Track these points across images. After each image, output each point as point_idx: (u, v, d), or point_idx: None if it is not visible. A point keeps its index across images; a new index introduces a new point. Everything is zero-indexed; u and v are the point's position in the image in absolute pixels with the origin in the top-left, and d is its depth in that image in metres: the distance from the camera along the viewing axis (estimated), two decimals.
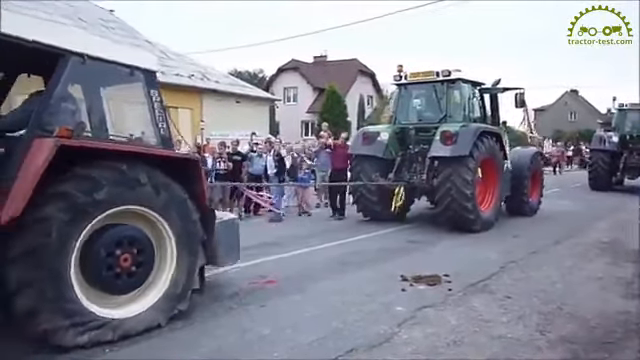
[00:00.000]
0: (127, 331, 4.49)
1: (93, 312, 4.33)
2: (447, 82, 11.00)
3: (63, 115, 4.58)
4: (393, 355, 4.19)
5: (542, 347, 4.35)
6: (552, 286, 6.24)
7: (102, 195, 4.32)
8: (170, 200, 4.86)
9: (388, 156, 11.15)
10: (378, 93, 44.92)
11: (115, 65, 4.87)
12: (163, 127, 5.14)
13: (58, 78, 4.42)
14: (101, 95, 5.01)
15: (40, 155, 4.07)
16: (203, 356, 4.18)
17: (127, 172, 4.52)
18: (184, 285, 5.00)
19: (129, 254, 4.57)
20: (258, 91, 27.10)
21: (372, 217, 11.51)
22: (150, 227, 4.86)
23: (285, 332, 4.68)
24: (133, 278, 4.65)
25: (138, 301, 4.75)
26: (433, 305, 5.44)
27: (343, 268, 7.18)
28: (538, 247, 8.61)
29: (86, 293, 4.36)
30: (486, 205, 10.70)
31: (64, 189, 4.16)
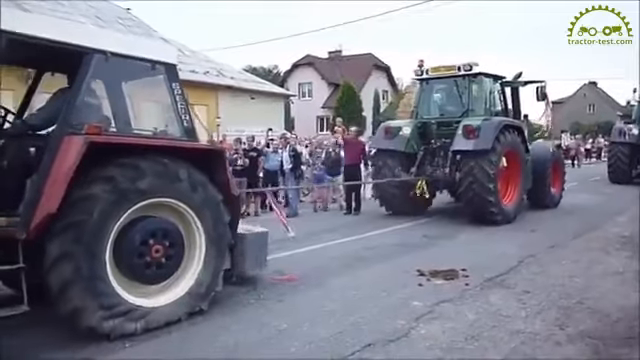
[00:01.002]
0: (149, 322, 4.57)
1: (121, 296, 4.45)
2: (468, 76, 11.07)
3: (89, 112, 4.72)
4: (410, 350, 4.18)
5: (562, 342, 4.30)
6: (571, 280, 6.17)
7: (144, 184, 4.51)
8: (205, 199, 5.00)
9: (410, 150, 11.26)
10: (393, 87, 44.73)
11: (137, 60, 4.99)
12: (186, 119, 5.23)
13: (83, 76, 4.55)
14: (124, 90, 5.17)
15: (71, 153, 4.19)
16: (221, 351, 4.20)
17: (169, 166, 4.70)
18: (208, 285, 5.09)
19: (161, 246, 4.67)
20: (273, 87, 27.16)
21: (394, 211, 11.57)
22: (183, 223, 4.98)
23: (302, 327, 4.69)
24: (161, 270, 4.75)
25: (163, 294, 4.84)
26: (450, 300, 5.41)
27: (359, 263, 7.18)
28: (556, 241, 8.51)
29: (116, 277, 4.48)
30: (508, 198, 10.76)
31: (111, 173, 4.35)
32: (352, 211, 12.37)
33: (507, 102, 12.08)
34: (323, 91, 41.35)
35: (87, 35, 4.81)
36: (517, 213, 10.83)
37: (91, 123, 4.45)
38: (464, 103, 11.24)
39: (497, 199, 10.06)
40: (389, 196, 11.45)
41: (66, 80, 5.19)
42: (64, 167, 4.17)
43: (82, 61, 4.54)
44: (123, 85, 5.18)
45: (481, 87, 11.31)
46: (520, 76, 12.13)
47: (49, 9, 15.04)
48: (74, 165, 4.15)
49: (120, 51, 4.79)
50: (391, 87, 44.86)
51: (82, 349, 4.20)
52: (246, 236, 5.91)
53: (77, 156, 4.16)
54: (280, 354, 4.12)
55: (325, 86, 41.44)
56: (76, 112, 4.52)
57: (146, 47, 5.32)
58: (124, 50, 4.86)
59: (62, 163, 4.20)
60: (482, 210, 10.07)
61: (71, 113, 4.48)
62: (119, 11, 21.63)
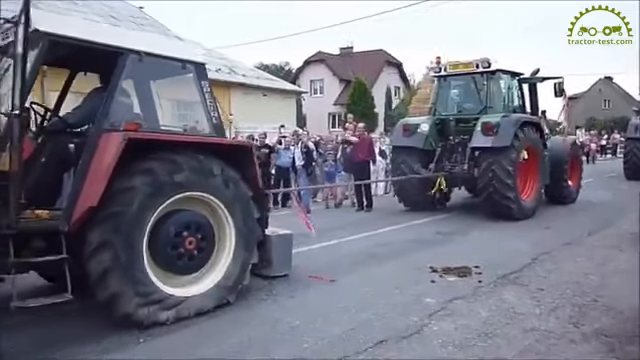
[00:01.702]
0: (180, 312, 4.76)
1: (156, 285, 4.65)
2: (487, 73, 11.13)
3: (125, 110, 4.98)
4: (423, 347, 4.18)
5: (576, 340, 4.27)
6: (586, 278, 6.11)
7: (181, 178, 4.72)
8: (236, 195, 5.20)
9: (428, 147, 11.34)
10: (405, 83, 44.56)
11: (168, 60, 5.19)
12: (215, 116, 5.41)
13: (119, 75, 4.77)
14: (153, 89, 5.40)
15: (111, 149, 4.39)
16: (234, 347, 4.23)
17: (203, 162, 4.91)
18: (236, 278, 5.25)
19: (194, 238, 4.88)
20: (285, 84, 27.18)
21: (413, 207, 11.70)
22: (214, 217, 5.17)
23: (315, 323, 4.71)
24: (193, 261, 4.95)
25: (193, 285, 5.03)
26: (463, 297, 5.40)
27: (372, 260, 7.18)
28: (571, 238, 8.45)
29: (151, 267, 4.68)
30: (527, 194, 10.80)
31: (150, 166, 4.57)
32: (363, 208, 12.36)
33: (525, 98, 12.12)
34: (335, 88, 41.33)
35: (122, 36, 5.09)
36: (535, 209, 10.87)
37: (128, 120, 4.72)
38: (482, 100, 11.30)
39: (516, 195, 10.12)
40: (407, 192, 11.61)
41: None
42: (105, 162, 4.38)
43: (117, 61, 4.75)
44: (152, 83, 5.38)
45: (499, 84, 11.41)
46: (538, 72, 12.12)
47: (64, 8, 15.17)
48: (114, 160, 4.35)
49: (153, 51, 5.00)
50: (403, 83, 44.71)
51: (97, 343, 4.25)
52: (271, 238, 6.07)
53: (117, 152, 4.35)
54: (293, 350, 4.13)
55: (337, 83, 41.42)
56: (112, 110, 4.74)
57: (177, 47, 5.52)
58: (156, 50, 5.08)
59: (102, 159, 4.41)
60: (501, 206, 10.13)
61: (108, 111, 4.69)
62: (132, 10, 21.77)
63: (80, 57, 4.99)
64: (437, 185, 11.00)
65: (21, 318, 4.46)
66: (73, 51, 4.64)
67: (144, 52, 4.88)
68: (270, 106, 21.84)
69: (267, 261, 5.99)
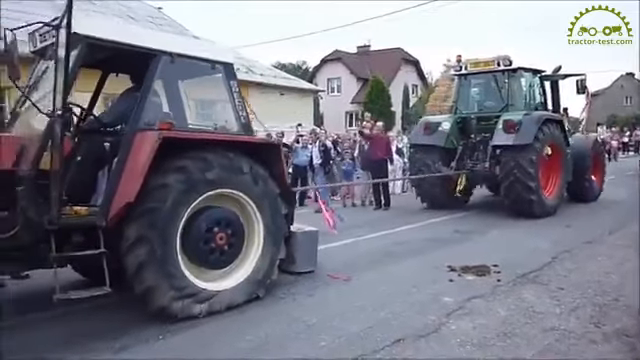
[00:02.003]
0: (212, 306, 4.93)
1: (189, 279, 4.81)
2: (508, 71, 11.11)
3: (158, 109, 5.15)
4: (441, 346, 4.15)
5: (597, 340, 4.21)
6: (607, 277, 6.02)
7: (212, 175, 4.89)
8: (265, 192, 5.38)
9: (449, 145, 11.37)
10: (423, 81, 44.29)
11: (198, 60, 5.34)
12: (243, 115, 5.56)
13: (152, 76, 4.94)
14: (181, 89, 5.56)
15: (146, 147, 4.56)
16: (251, 344, 4.25)
17: (234, 160, 5.09)
18: (265, 272, 5.42)
19: (225, 234, 5.04)
20: (302, 83, 27.19)
21: (434, 205, 11.73)
22: (244, 214, 5.34)
23: (332, 322, 4.71)
24: (224, 256, 5.11)
25: (224, 279, 5.20)
26: (482, 296, 5.35)
27: (389, 258, 7.16)
28: (591, 237, 8.32)
29: (184, 261, 4.85)
30: (549, 191, 10.78)
31: (184, 164, 4.74)
32: (381, 206, 12.34)
33: (546, 96, 12.06)
34: (352, 86, 41.24)
35: (154, 38, 5.24)
36: (557, 206, 10.82)
37: (162, 120, 4.87)
38: (504, 98, 11.27)
39: (538, 192, 10.09)
40: (429, 191, 11.63)
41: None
42: (141, 160, 4.53)
43: (150, 63, 4.92)
44: (180, 83, 5.52)
45: (521, 81, 11.41)
46: (559, 69, 12.08)
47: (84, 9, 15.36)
48: (150, 158, 4.50)
49: (184, 52, 5.17)
50: (421, 81, 44.44)
51: (114, 340, 4.32)
52: (297, 234, 6.23)
53: (152, 150, 4.52)
54: (310, 349, 4.14)
55: (354, 81, 41.31)
56: (146, 110, 4.89)
57: (205, 48, 5.66)
58: (187, 51, 5.24)
59: (138, 157, 4.57)
60: (522, 203, 10.09)
61: (142, 111, 4.85)
62: (151, 10, 21.95)
63: (113, 59, 5.13)
64: (460, 184, 11.10)
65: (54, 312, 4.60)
66: (107, 53, 4.81)
67: (176, 53, 5.05)
68: (287, 105, 21.87)
69: (293, 258, 6.14)
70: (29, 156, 4.33)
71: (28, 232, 4.26)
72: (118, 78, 5.84)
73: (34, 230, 4.26)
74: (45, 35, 4.80)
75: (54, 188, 4.18)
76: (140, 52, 4.88)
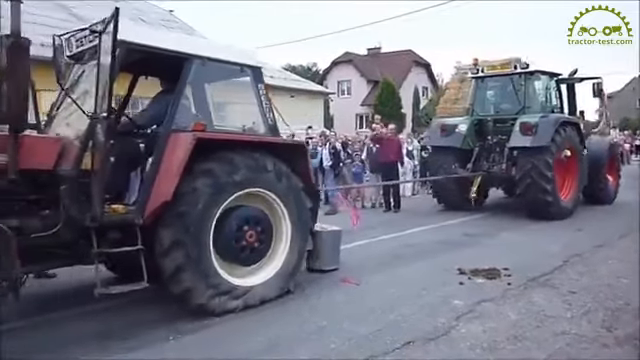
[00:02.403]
0: (247, 300, 5.12)
1: (223, 277, 5.00)
2: (525, 74, 11.24)
3: (190, 111, 5.36)
4: (451, 349, 4.15)
5: (609, 344, 4.18)
6: (618, 281, 5.97)
7: (239, 177, 5.06)
8: (289, 188, 5.55)
9: (466, 147, 11.52)
10: (433, 84, 44.15)
11: (228, 64, 5.51)
12: (270, 117, 5.72)
13: (185, 80, 5.12)
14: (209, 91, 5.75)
15: (182, 147, 4.74)
16: (261, 345, 4.27)
17: (259, 160, 5.25)
18: (294, 265, 5.66)
19: (254, 231, 5.23)
20: (312, 85, 27.24)
21: (450, 206, 11.88)
22: (270, 210, 5.52)
23: (342, 324, 4.71)
24: (254, 253, 5.31)
25: (255, 275, 5.40)
26: (492, 299, 5.33)
27: (399, 261, 7.15)
28: (603, 240, 8.26)
29: (217, 260, 5.03)
30: (565, 193, 10.88)
31: (210, 167, 4.89)
32: (391, 209, 12.33)
33: (563, 99, 12.19)
34: (362, 88, 41.24)
35: (187, 43, 5.40)
36: (574, 209, 10.91)
37: (197, 121, 5.08)
38: (520, 100, 11.36)
39: (554, 194, 10.20)
40: (445, 192, 11.80)
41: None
42: (177, 160, 4.71)
43: (183, 66, 5.08)
44: (207, 86, 5.69)
45: (537, 84, 11.51)
46: (576, 73, 12.21)
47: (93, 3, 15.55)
48: (186, 158, 4.69)
49: (214, 56, 5.33)
50: (431, 83, 44.30)
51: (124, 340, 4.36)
52: (322, 233, 6.43)
53: (187, 150, 4.70)
54: (320, 350, 4.15)
55: (364, 83, 41.32)
56: (179, 112, 5.08)
57: (235, 52, 5.77)
58: (217, 55, 5.39)
59: (174, 156, 4.75)
60: (539, 205, 10.20)
61: (175, 113, 5.02)
62: (163, 13, 22.14)
63: (145, 62, 5.24)
64: (474, 185, 11.24)
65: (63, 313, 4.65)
66: (140, 57, 4.94)
67: (207, 57, 5.22)
68: (298, 107, 21.89)
69: (318, 255, 6.37)
70: (70, 156, 4.48)
71: (70, 229, 4.42)
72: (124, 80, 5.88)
73: (75, 227, 4.43)
74: (82, 40, 5.00)
75: (97, 187, 4.37)
76: (173, 56, 5.04)
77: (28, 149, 4.28)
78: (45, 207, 4.48)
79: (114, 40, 4.26)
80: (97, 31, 4.48)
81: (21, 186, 4.29)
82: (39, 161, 4.38)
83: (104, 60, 4.34)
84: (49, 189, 4.44)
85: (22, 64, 4.14)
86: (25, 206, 4.40)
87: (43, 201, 4.48)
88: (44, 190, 4.46)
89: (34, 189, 4.43)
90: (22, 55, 4.14)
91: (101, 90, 4.34)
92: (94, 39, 4.66)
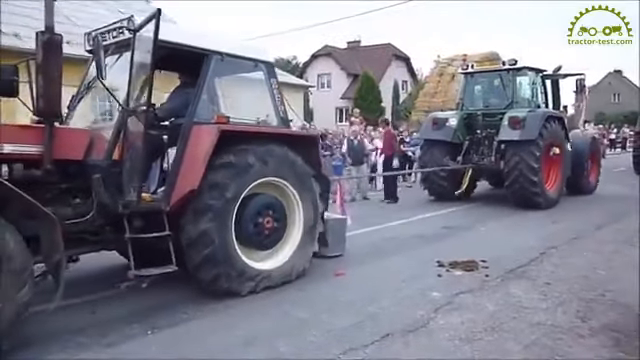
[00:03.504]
0: (270, 281, 5.48)
1: (245, 262, 5.29)
2: (513, 70, 11.74)
3: (210, 104, 5.62)
4: (429, 340, 4.18)
5: (584, 334, 4.26)
6: (594, 272, 6.09)
7: (258, 167, 5.34)
8: (302, 176, 5.85)
9: (456, 140, 12.00)
10: (413, 77, 44.34)
11: (243, 60, 5.80)
12: (282, 110, 6.04)
13: (205, 74, 5.35)
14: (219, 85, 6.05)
15: (207, 139, 5.00)
16: (241, 339, 4.25)
17: (273, 150, 5.51)
18: (309, 247, 5.97)
19: (270, 217, 5.53)
20: (292, 78, 27.10)
21: (439, 196, 12.31)
22: (283, 196, 5.79)
23: (321, 316, 4.72)
24: (272, 237, 5.62)
25: (273, 258, 5.72)
26: (470, 291, 5.39)
27: (379, 253, 7.18)
28: (579, 232, 8.42)
29: (239, 246, 5.29)
30: (550, 184, 11.36)
31: (230, 160, 5.12)
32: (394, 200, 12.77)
33: (548, 94, 12.68)
34: (342, 82, 41.21)
35: (206, 39, 5.57)
36: (558, 199, 11.48)
37: (218, 114, 5.38)
38: (508, 95, 11.86)
39: (541, 184, 10.72)
40: (436, 184, 12.19)
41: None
42: (202, 151, 4.96)
43: (203, 61, 5.32)
44: (217, 80, 5.92)
45: (524, 80, 12.02)
46: (560, 69, 12.73)
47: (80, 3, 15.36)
48: (211, 149, 4.95)
49: (232, 52, 5.60)
50: (411, 77, 44.50)
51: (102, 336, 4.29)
52: (329, 220, 6.76)
53: (212, 141, 4.96)
54: (299, 343, 4.15)
55: (344, 77, 41.28)
56: (200, 105, 5.33)
57: (250, 49, 6.07)
58: (234, 51, 5.66)
59: (198, 148, 5.00)
60: (527, 195, 10.69)
61: (197, 106, 5.27)
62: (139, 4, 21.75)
63: (166, 58, 5.32)
64: (466, 179, 11.77)
65: None
66: (161, 52, 4.97)
67: (225, 53, 5.49)
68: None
69: (325, 242, 6.64)
70: (98, 147, 4.81)
71: (102, 216, 4.74)
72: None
73: (106, 214, 4.74)
74: (105, 35, 5.24)
75: (134, 176, 4.71)
76: (194, 52, 5.28)
77: (60, 140, 4.56)
78: (75, 196, 4.78)
79: (155, 39, 4.58)
80: (133, 29, 4.76)
81: (54, 175, 4.57)
82: (70, 152, 4.69)
83: (141, 57, 4.69)
84: (79, 178, 4.75)
85: (55, 59, 4.39)
86: (57, 194, 4.65)
87: (73, 190, 4.78)
88: (74, 179, 4.76)
89: (65, 178, 4.70)
90: (56, 51, 4.39)
91: (138, 85, 4.74)
92: (118, 35, 5.02)
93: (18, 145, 4.38)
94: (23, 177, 4.30)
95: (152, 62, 4.67)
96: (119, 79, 4.85)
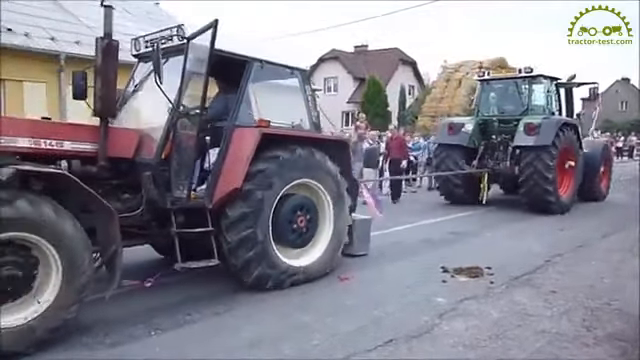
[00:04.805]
0: (298, 279, 5.72)
1: (279, 256, 5.58)
2: (529, 78, 12.05)
3: (249, 108, 5.78)
4: (433, 346, 4.17)
5: (589, 343, 4.23)
6: (600, 281, 6.06)
7: (297, 168, 5.68)
8: (333, 178, 6.12)
9: (471, 145, 12.32)
10: (420, 82, 44.27)
11: (280, 67, 6.10)
12: (315, 115, 6.33)
13: (246, 80, 5.61)
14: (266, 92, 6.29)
15: (249, 141, 5.30)
16: (244, 342, 4.25)
17: (307, 153, 5.78)
18: (336, 248, 6.24)
19: (304, 216, 5.84)
20: None
21: (454, 200, 12.54)
22: (316, 198, 6.07)
23: (325, 320, 4.72)
24: (305, 235, 5.92)
25: (308, 254, 6.01)
26: (475, 297, 5.37)
27: (384, 258, 7.16)
28: (585, 241, 8.37)
29: (274, 241, 5.55)
30: (564, 190, 11.59)
31: (269, 162, 5.41)
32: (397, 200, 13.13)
33: (561, 101, 12.93)
34: (349, 86, 41.20)
35: (248, 48, 5.82)
36: (571, 204, 11.71)
37: (260, 118, 5.59)
38: (524, 102, 12.17)
39: (555, 189, 10.94)
40: (451, 187, 12.43)
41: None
42: (244, 152, 5.26)
43: (245, 68, 5.59)
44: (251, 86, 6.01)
45: (540, 88, 12.29)
46: (574, 77, 13.02)
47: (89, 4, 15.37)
48: (253, 150, 5.25)
49: (270, 60, 5.88)
50: (417, 82, 44.42)
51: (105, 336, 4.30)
52: (356, 220, 6.97)
53: (254, 143, 5.27)
54: (303, 347, 4.15)
55: (351, 81, 41.27)
56: (241, 110, 5.56)
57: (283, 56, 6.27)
58: (270, 58, 5.91)
59: (241, 149, 5.29)
60: (540, 199, 10.93)
61: (239, 110, 5.52)
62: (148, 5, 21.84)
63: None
64: (484, 183, 12.03)
65: None
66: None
67: (265, 60, 5.77)
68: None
69: (351, 241, 6.93)
70: (147, 146, 5.09)
71: (150, 211, 5.06)
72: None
73: (155, 210, 5.06)
74: (152, 42, 5.52)
75: (183, 175, 5.07)
76: (236, 59, 5.54)
77: (113, 139, 4.88)
78: (124, 191, 5.08)
79: (212, 48, 4.84)
80: (187, 37, 5.06)
81: (107, 172, 4.90)
82: (122, 150, 5.00)
83: (195, 66, 5.03)
84: (129, 175, 5.07)
85: (112, 63, 4.72)
86: (109, 190, 4.92)
87: (123, 186, 5.08)
88: (125, 176, 5.07)
89: (116, 175, 5.02)
90: (113, 55, 4.71)
91: (189, 89, 5.11)
92: (166, 42, 5.29)
93: (76, 142, 4.73)
94: (80, 172, 4.55)
95: (207, 69, 4.95)
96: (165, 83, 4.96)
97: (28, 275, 3.95)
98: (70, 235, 4.04)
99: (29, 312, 3.94)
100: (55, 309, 4.00)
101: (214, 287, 5.63)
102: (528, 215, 10.98)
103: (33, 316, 3.94)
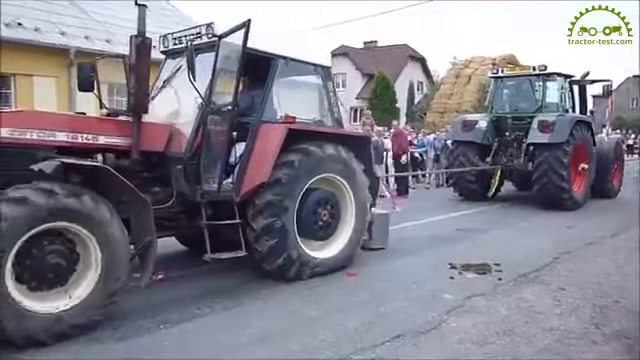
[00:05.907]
0: (326, 268, 5.93)
1: (302, 248, 5.71)
2: (543, 75, 12.06)
3: (273, 105, 5.93)
4: (440, 343, 4.17)
5: (597, 341, 4.22)
6: (608, 279, 6.03)
7: (322, 162, 5.81)
8: (355, 174, 6.24)
9: (485, 142, 12.40)
10: (429, 79, 44.09)
11: (304, 64, 6.20)
12: (336, 111, 6.47)
13: (272, 77, 5.75)
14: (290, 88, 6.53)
15: (276, 136, 5.45)
16: (251, 337, 4.27)
17: (332, 148, 5.90)
18: (360, 232, 6.42)
19: (327, 210, 5.97)
20: None
21: (467, 196, 12.71)
22: (339, 193, 6.20)
23: (333, 316, 4.74)
24: (329, 228, 6.07)
25: (330, 247, 6.17)
26: (482, 294, 5.37)
27: (392, 254, 7.16)
28: (593, 238, 8.32)
29: (298, 234, 5.70)
30: (578, 186, 11.67)
31: (295, 156, 5.55)
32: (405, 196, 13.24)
33: (575, 99, 12.97)
34: (357, 82, 41.08)
35: (273, 45, 5.88)
36: (585, 200, 11.81)
37: (286, 114, 5.76)
38: (538, 100, 12.17)
39: (569, 186, 11.04)
40: (465, 183, 12.59)
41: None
42: (271, 147, 5.41)
43: (270, 65, 5.73)
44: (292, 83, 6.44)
45: (554, 85, 12.30)
46: (588, 75, 13.04)
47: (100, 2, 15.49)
48: (279, 145, 5.40)
49: (295, 57, 5.99)
50: (426, 78, 44.24)
51: (115, 330, 4.33)
52: (374, 215, 7.03)
53: (281, 139, 5.41)
54: (310, 342, 4.17)
55: (359, 77, 41.16)
56: (267, 106, 5.73)
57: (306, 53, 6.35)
58: (297, 56, 6.03)
59: (268, 144, 5.44)
60: (555, 195, 11.05)
61: (265, 106, 5.68)
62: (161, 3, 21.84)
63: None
64: (497, 179, 12.27)
65: None
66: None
67: (290, 58, 5.89)
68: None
69: (370, 235, 7.07)
70: (177, 141, 5.21)
71: (180, 204, 5.21)
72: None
73: (185, 202, 5.20)
74: (181, 39, 5.73)
75: (213, 168, 5.22)
76: (262, 56, 5.62)
77: (145, 134, 4.98)
78: (155, 184, 5.23)
79: (244, 46, 4.93)
80: (219, 36, 5.10)
81: (140, 165, 5.03)
82: (154, 144, 5.11)
83: (225, 63, 5.11)
84: (160, 169, 5.23)
85: (146, 60, 4.81)
86: (141, 182, 4.96)
87: (154, 179, 5.23)
88: (156, 169, 5.22)
89: (148, 168, 5.16)
90: (146, 52, 4.80)
91: (219, 86, 5.17)
92: (195, 39, 5.36)
93: (111, 137, 4.86)
94: (115, 165, 4.67)
95: (240, 67, 5.06)
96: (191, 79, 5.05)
97: (69, 268, 4.13)
98: (117, 239, 4.24)
99: (60, 303, 4.08)
100: (85, 307, 4.14)
101: (224, 282, 5.67)
102: (537, 212, 10.97)
103: (63, 308, 4.07)
